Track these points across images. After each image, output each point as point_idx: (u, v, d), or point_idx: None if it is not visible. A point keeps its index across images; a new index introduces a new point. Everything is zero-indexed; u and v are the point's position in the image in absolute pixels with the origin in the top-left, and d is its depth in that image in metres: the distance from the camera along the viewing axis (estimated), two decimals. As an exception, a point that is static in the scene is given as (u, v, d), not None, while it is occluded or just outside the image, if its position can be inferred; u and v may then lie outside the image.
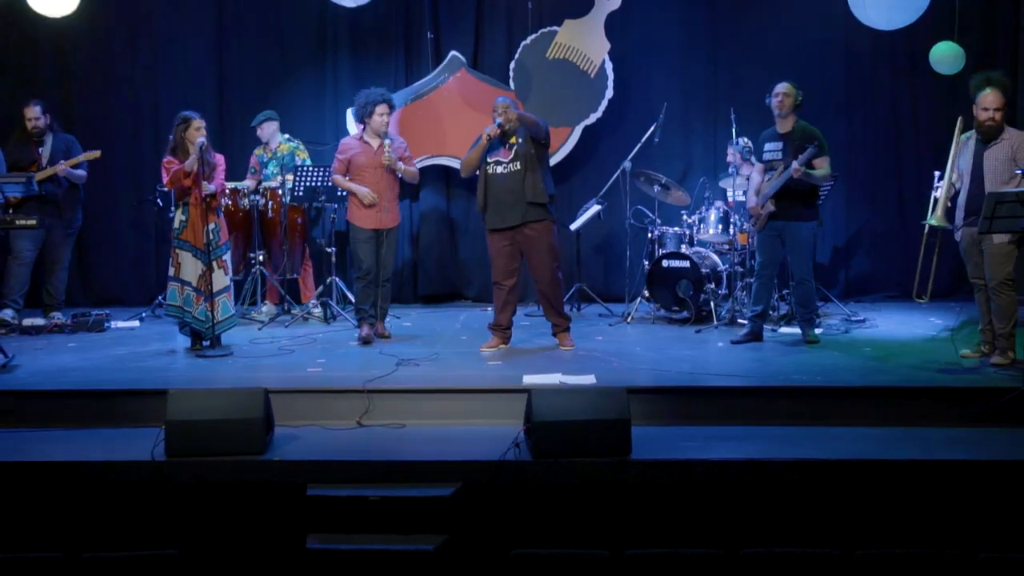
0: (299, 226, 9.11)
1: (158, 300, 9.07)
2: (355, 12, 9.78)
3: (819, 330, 8.04)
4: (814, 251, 7.58)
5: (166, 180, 7.50)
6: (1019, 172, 6.49)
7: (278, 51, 10.04)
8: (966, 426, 5.92)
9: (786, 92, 7.41)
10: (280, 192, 8.89)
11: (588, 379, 6.43)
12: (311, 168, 8.65)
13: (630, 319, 8.76)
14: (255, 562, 5.40)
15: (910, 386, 6.23)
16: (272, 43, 10.05)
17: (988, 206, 6.03)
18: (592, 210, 9.10)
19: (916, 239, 9.43)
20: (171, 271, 7.54)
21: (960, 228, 6.93)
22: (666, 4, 9.80)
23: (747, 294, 8.36)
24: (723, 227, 8.65)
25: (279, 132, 9.17)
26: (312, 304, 9.07)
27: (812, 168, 7.31)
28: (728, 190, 8.96)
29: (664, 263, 8.63)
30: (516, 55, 9.64)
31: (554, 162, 9.56)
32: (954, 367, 6.71)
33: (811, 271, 7.52)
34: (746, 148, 8.86)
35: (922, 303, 8.17)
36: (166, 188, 7.70)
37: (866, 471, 5.37)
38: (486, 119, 8.98)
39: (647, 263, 8.92)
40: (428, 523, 5.23)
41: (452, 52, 9.68)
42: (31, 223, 7.37)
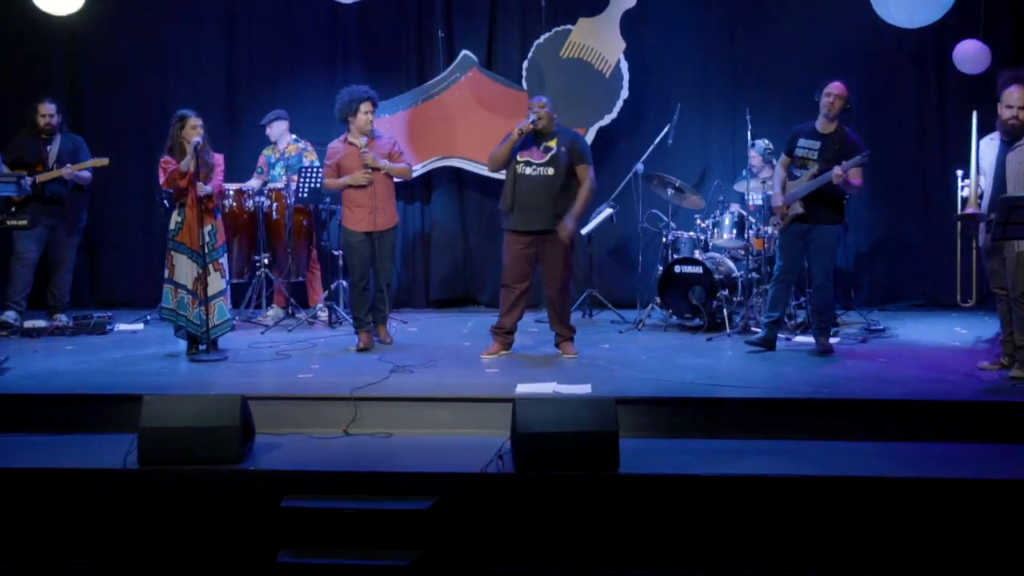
0: (304, 228, 8.95)
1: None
2: (366, 11, 9.67)
3: (836, 339, 7.76)
4: (836, 256, 7.28)
5: (162, 180, 7.36)
6: None
7: (289, 50, 9.90)
8: (977, 442, 5.62)
9: (839, 94, 7.09)
10: (285, 193, 8.74)
11: (583, 388, 6.19)
12: (316, 169, 8.47)
13: (641, 326, 8.50)
14: None
15: (919, 399, 5.91)
16: (283, 42, 9.92)
17: (1001, 211, 5.71)
18: (604, 214, 8.86)
19: (944, 245, 9.22)
20: (166, 273, 7.40)
21: (983, 234, 6.61)
22: (684, 2, 9.55)
23: (763, 300, 8.07)
24: (738, 232, 8.37)
25: (288, 132, 9.01)
26: (319, 308, 8.90)
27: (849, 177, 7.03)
28: (745, 194, 8.67)
29: (676, 269, 8.37)
30: (529, 54, 9.42)
31: (567, 164, 9.36)
32: (971, 380, 6.38)
33: (831, 277, 7.22)
34: (767, 150, 8.60)
35: (966, 307, 7.90)
36: (163, 188, 7.52)
37: (867, 490, 5.08)
38: (499, 119, 8.85)
39: (661, 269, 8.65)
40: (403, 537, 5.02)
41: (464, 51, 9.48)
42: (22, 223, 7.26)
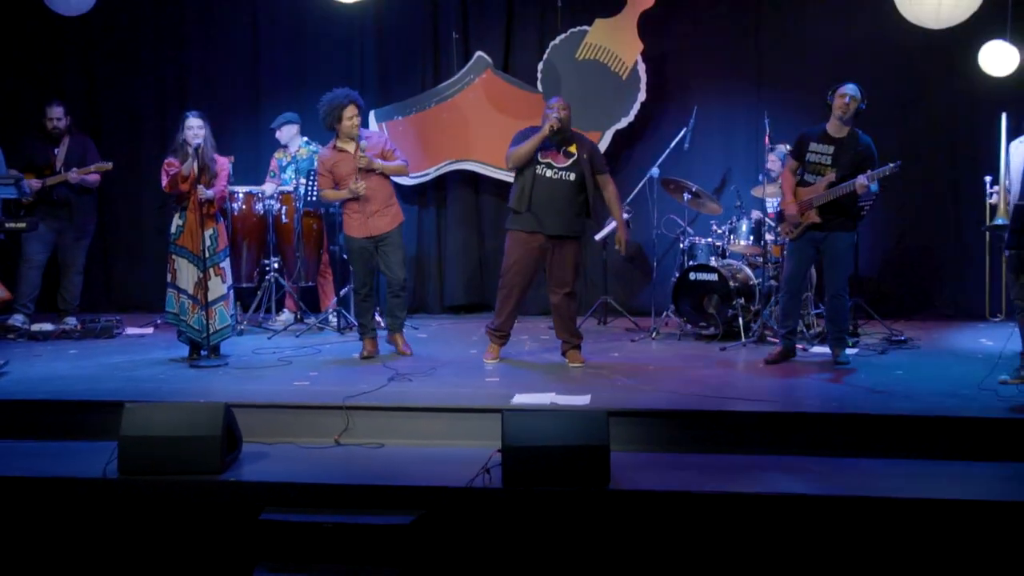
0: (315, 232, 8.82)
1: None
2: (382, 12, 9.55)
3: (855, 350, 7.50)
4: (851, 264, 7.02)
5: (164, 183, 7.27)
6: None
7: (308, 52, 9.79)
8: (990, 461, 5.35)
9: (854, 96, 6.85)
10: (295, 197, 8.62)
11: (582, 399, 5.99)
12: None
13: (656, 335, 8.28)
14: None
15: (929, 415, 5.65)
16: (303, 44, 9.80)
17: (1016, 218, 5.44)
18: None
19: (973, 253, 8.91)
20: (168, 277, 7.31)
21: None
22: (704, 2, 9.29)
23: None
24: (755, 238, 8.12)
25: (299, 135, 8.89)
26: (330, 313, 8.77)
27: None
28: (763, 199, 8.43)
29: (691, 276, 8.14)
30: (544, 55, 9.23)
31: (583, 168, 9.17)
32: (987, 394, 6.09)
33: (847, 286, 6.96)
34: (787, 155, 8.34)
35: (996, 321, 7.60)
36: (165, 191, 7.40)
37: (872, 510, 4.83)
38: (513, 122, 8.65)
39: (676, 275, 8.43)
40: (383, 553, 4.86)
41: (478, 53, 9.31)
42: (20, 226, 7.19)
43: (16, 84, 9.69)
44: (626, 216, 8.64)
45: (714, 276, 8.01)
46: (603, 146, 9.12)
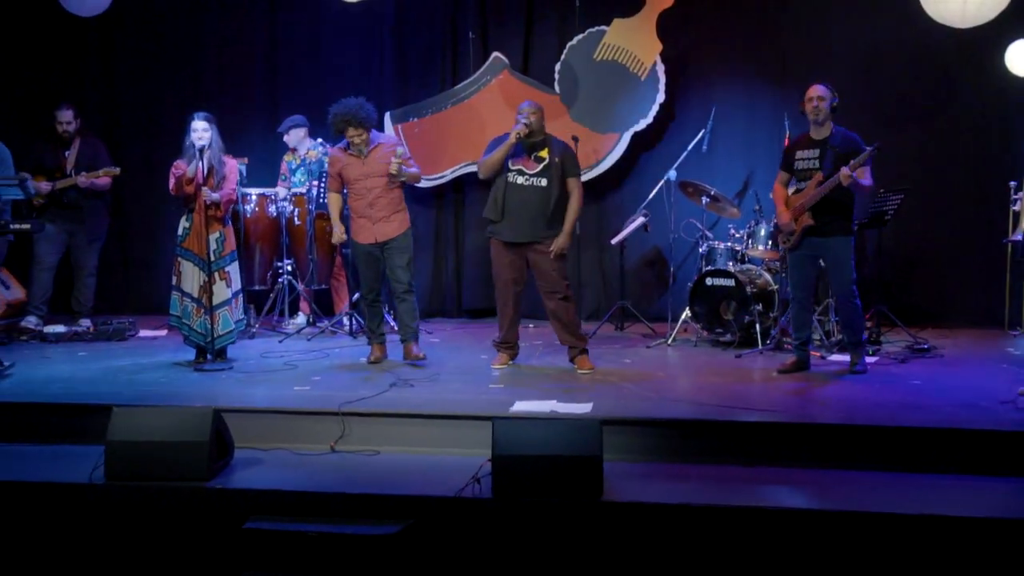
0: (328, 235, 8.69)
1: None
2: (401, 12, 9.46)
3: (874, 358, 7.30)
4: (853, 267, 6.80)
5: (171, 185, 7.21)
6: None
7: (325, 52, 9.72)
8: (1005, 476, 5.12)
9: (821, 96, 6.66)
10: (308, 199, 8.54)
11: (584, 408, 5.84)
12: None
13: (672, 341, 8.10)
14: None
15: (940, 427, 5.42)
16: (320, 45, 9.74)
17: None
18: (636, 222, 8.49)
19: (1002, 260, 8.63)
20: (173, 280, 7.25)
21: None
22: (725, 1, 9.09)
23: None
24: (773, 243, 7.91)
25: (308, 138, 8.81)
26: (343, 316, 8.67)
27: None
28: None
29: (708, 281, 7.96)
30: (562, 56, 9.08)
31: (600, 171, 9.06)
32: (1006, 408, 5.85)
33: (853, 290, 6.72)
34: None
35: (1016, 335, 7.33)
36: (172, 194, 7.34)
37: (878, 526, 4.63)
38: (530, 124, 8.50)
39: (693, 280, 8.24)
40: (368, 564, 4.73)
41: (494, 53, 9.19)
42: (25, 227, 7.17)
43: (33, 86, 9.69)
44: (643, 219, 8.49)
45: (731, 281, 7.82)
46: (621, 148, 9.00)
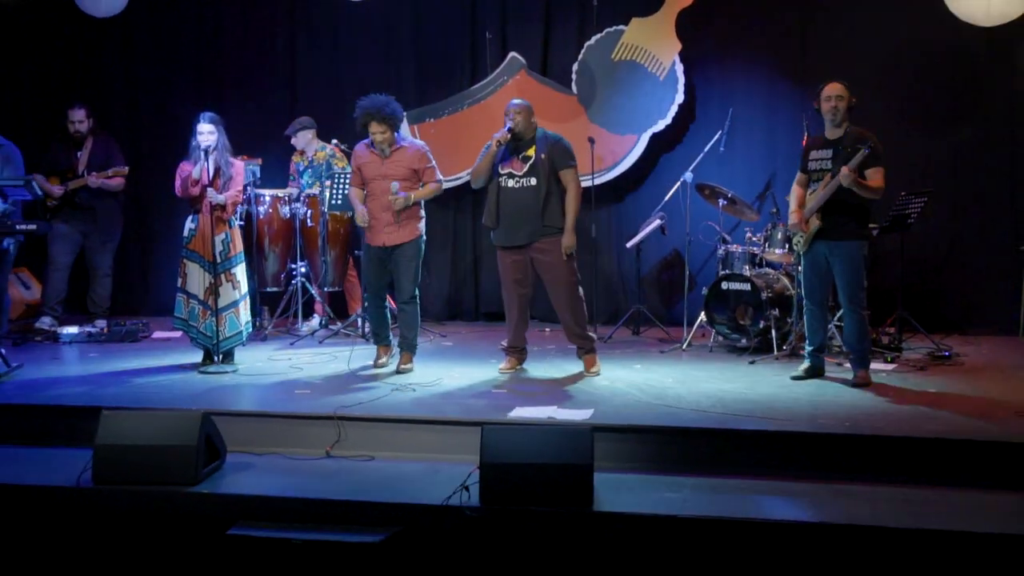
0: (341, 236, 8.67)
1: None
2: (419, 13, 9.39)
3: (892, 365, 7.11)
4: (864, 274, 6.59)
5: (177, 186, 7.18)
6: None
7: (344, 53, 9.66)
8: (1014, 490, 4.92)
9: (840, 95, 6.47)
10: (321, 200, 8.48)
11: (584, 414, 5.71)
12: (347, 176, 8.17)
13: (687, 346, 7.94)
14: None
15: (949, 438, 5.22)
16: (339, 46, 9.68)
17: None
18: (653, 224, 8.34)
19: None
20: (179, 281, 7.21)
21: None
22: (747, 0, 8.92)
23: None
24: (790, 247, 7.72)
25: (316, 140, 8.76)
26: (357, 318, 8.60)
27: (863, 179, 6.34)
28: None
29: (723, 285, 7.79)
30: (579, 56, 8.95)
31: (618, 173, 8.91)
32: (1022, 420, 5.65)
33: (862, 298, 6.52)
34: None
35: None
36: (178, 195, 7.30)
37: (874, 540, 4.47)
38: (548, 124, 8.36)
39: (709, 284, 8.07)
40: (351, 572, 4.66)
41: (511, 53, 9.07)
42: (31, 228, 7.18)
43: (53, 87, 9.72)
44: (660, 222, 8.35)
45: (747, 286, 7.65)
46: (639, 150, 8.85)
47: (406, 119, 9.05)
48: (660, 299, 9.06)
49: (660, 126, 8.78)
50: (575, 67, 8.96)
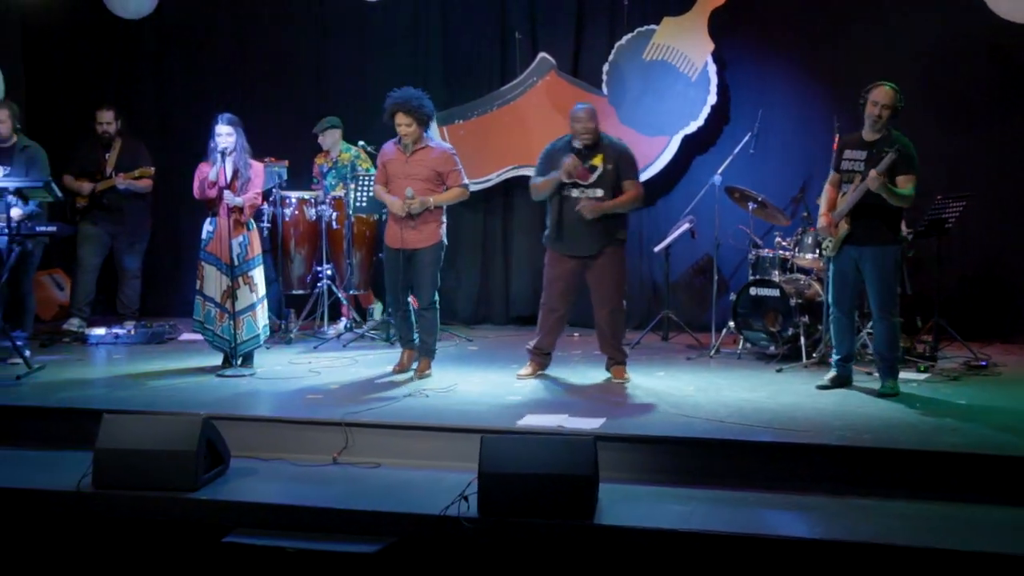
0: (367, 239, 8.59)
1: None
2: (447, 13, 9.30)
3: (924, 375, 6.87)
4: (897, 282, 6.36)
5: (195, 188, 7.14)
6: None
7: (372, 53, 9.58)
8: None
9: (887, 104, 6.20)
10: (346, 202, 8.41)
11: (594, 423, 5.57)
12: (371, 178, 8.08)
13: (714, 353, 7.75)
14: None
15: (969, 452, 5.00)
16: (367, 45, 9.60)
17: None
18: (682, 228, 8.17)
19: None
20: (196, 284, 7.17)
21: None
22: (781, -1, 8.71)
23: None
24: (820, 251, 7.51)
25: (341, 140, 8.69)
26: (381, 321, 8.52)
27: (894, 184, 6.12)
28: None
29: (752, 291, 7.59)
30: (610, 56, 8.79)
31: (648, 176, 8.68)
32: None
33: (893, 307, 6.30)
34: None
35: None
36: (196, 197, 7.26)
37: (886, 559, 4.29)
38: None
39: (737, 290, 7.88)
40: (346, 583, 4.57)
41: (541, 54, 8.93)
42: (51, 230, 7.19)
43: (85, 89, 9.77)
44: (688, 225, 8.19)
45: (776, 292, 7.45)
46: (670, 152, 8.67)
47: (435, 121, 8.97)
48: (691, 304, 8.86)
49: (692, 128, 8.60)
50: (605, 67, 8.81)
